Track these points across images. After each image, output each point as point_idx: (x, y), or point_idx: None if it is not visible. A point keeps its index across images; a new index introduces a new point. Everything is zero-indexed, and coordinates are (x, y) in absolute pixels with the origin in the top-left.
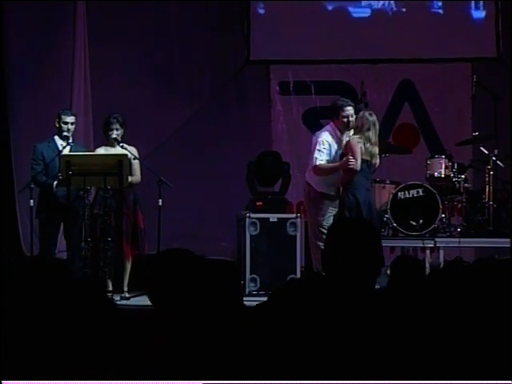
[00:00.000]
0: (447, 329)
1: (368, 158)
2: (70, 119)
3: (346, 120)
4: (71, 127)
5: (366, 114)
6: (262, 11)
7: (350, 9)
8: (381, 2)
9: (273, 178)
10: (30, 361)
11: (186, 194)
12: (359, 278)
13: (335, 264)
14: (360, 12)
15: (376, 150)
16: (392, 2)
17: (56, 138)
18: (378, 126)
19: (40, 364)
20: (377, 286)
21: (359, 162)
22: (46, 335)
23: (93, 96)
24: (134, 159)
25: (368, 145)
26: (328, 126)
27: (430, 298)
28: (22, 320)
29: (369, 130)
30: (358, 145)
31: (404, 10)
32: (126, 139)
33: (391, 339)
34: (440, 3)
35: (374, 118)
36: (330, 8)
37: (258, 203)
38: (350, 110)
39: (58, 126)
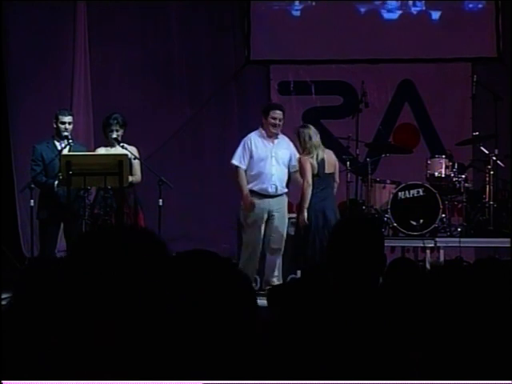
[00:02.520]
0: (447, 329)
1: (316, 172)
2: (67, 119)
3: (273, 122)
4: (69, 127)
5: (301, 128)
6: (260, 13)
7: (350, 9)
8: (381, 3)
9: None
10: (30, 361)
11: (187, 194)
12: (362, 277)
13: (338, 263)
14: (360, 13)
15: (325, 155)
16: (391, 2)
17: (54, 138)
18: (317, 134)
19: (40, 364)
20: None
21: (310, 179)
22: (46, 335)
23: (93, 96)
24: (135, 159)
25: (316, 157)
26: (258, 129)
27: (430, 298)
28: (22, 320)
29: (310, 139)
30: (307, 162)
31: (404, 10)
32: (126, 139)
33: (392, 339)
34: (439, 3)
35: (309, 128)
36: (329, 8)
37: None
38: (279, 113)
39: (55, 126)
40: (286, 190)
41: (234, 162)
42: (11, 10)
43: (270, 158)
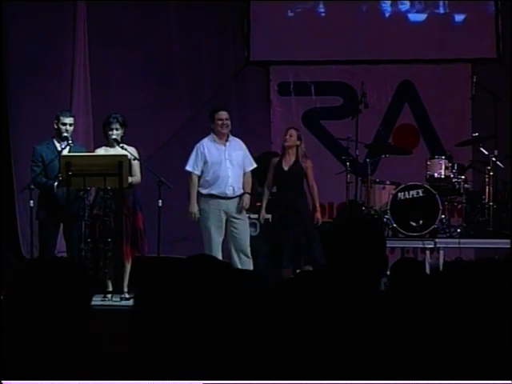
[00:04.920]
0: (447, 329)
1: None
2: (69, 120)
3: (220, 122)
4: (70, 128)
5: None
6: (260, 14)
7: (349, 10)
8: (382, 3)
9: None
10: (30, 361)
11: (187, 194)
12: (364, 278)
13: (339, 264)
14: (359, 14)
15: None
16: (391, 2)
17: (55, 139)
18: None
19: (40, 364)
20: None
21: None
22: (46, 335)
23: (93, 96)
24: (134, 160)
25: None
26: (209, 135)
27: (430, 299)
28: (23, 320)
29: None
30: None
31: (403, 10)
32: (126, 140)
33: (392, 339)
34: (439, 3)
35: None
36: (328, 9)
37: (257, 204)
38: (223, 113)
39: (56, 127)
40: (242, 192)
41: (188, 168)
42: (11, 10)
43: (224, 161)
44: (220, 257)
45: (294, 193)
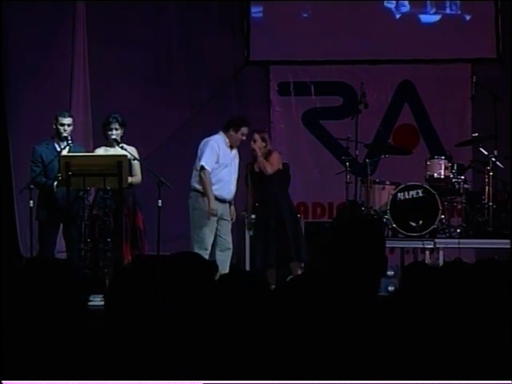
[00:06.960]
0: (448, 329)
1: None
2: (67, 121)
3: (241, 137)
4: (68, 129)
5: (266, 134)
6: (259, 14)
7: (348, 10)
8: (382, 3)
9: None
10: (30, 361)
11: (186, 194)
12: (363, 278)
13: (339, 265)
14: (359, 13)
15: None
16: (391, 1)
17: (54, 139)
18: None
19: (40, 364)
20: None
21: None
22: (46, 335)
23: (92, 96)
24: (134, 160)
25: None
26: (220, 134)
27: (430, 299)
28: (23, 320)
29: None
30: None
31: (403, 10)
32: (126, 140)
33: (392, 339)
34: (439, 4)
35: None
36: (328, 9)
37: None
38: (247, 130)
39: (55, 127)
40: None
41: (204, 164)
42: (11, 10)
43: (230, 166)
44: (208, 253)
45: (272, 191)
